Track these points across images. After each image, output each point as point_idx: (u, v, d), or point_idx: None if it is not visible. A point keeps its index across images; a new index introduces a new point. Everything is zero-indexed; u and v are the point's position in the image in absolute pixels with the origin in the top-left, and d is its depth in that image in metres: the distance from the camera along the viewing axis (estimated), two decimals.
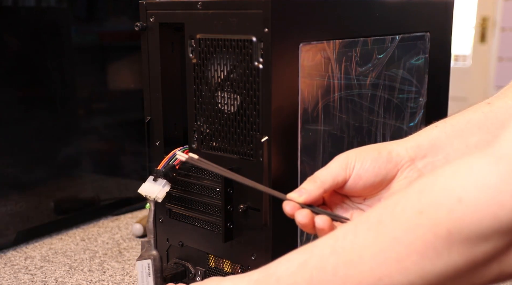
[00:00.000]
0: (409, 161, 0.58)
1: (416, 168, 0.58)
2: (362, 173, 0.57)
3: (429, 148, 0.58)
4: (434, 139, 0.59)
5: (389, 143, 0.60)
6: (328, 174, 0.57)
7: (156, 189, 0.71)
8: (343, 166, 0.57)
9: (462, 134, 0.59)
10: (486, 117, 0.59)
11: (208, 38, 0.68)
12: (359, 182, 0.57)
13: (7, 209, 1.01)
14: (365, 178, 0.57)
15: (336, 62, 0.71)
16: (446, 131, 0.59)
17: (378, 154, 0.58)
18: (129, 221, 1.18)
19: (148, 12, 0.74)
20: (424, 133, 0.60)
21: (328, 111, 0.72)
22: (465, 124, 0.59)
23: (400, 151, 0.58)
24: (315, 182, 0.57)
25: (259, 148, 0.65)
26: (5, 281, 0.91)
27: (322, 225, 0.55)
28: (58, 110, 1.08)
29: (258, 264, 0.67)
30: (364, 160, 0.57)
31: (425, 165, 0.58)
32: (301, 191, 0.57)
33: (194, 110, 0.71)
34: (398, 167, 0.58)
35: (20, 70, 1.02)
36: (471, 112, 0.60)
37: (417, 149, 0.58)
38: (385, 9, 0.79)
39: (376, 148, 0.59)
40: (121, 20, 1.17)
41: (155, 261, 0.71)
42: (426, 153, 0.58)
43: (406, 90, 0.84)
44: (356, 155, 0.58)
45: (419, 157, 0.58)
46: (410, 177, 0.58)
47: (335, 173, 0.57)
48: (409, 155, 0.58)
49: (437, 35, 0.88)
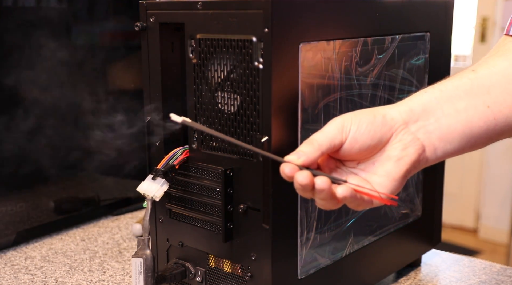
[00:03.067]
0: (402, 124, 0.59)
1: (409, 132, 0.59)
2: (358, 136, 0.57)
3: (421, 112, 0.60)
4: (425, 104, 0.60)
5: (382, 107, 0.61)
6: (324, 137, 0.57)
7: (155, 188, 0.71)
8: (339, 129, 0.57)
9: (451, 99, 0.60)
10: (472, 83, 0.61)
11: (208, 38, 0.68)
12: (355, 146, 0.57)
13: (7, 209, 1.01)
14: (361, 141, 0.57)
15: (336, 62, 0.71)
16: (435, 96, 0.61)
17: (373, 117, 0.58)
18: (129, 221, 1.18)
19: (148, 12, 0.74)
20: (415, 98, 0.61)
21: (328, 111, 0.71)
22: (453, 89, 0.61)
23: (394, 114, 0.59)
24: (313, 145, 0.56)
25: (259, 148, 0.65)
26: (5, 281, 0.91)
27: (322, 185, 0.55)
28: (58, 110, 1.08)
29: (258, 264, 0.67)
30: (360, 123, 0.58)
31: (418, 128, 0.59)
32: (299, 153, 0.56)
33: (194, 110, 0.71)
34: (392, 130, 0.58)
35: (19, 70, 1.02)
36: (457, 78, 0.62)
37: (410, 113, 0.59)
38: (385, 9, 0.79)
39: (371, 112, 0.59)
40: (121, 20, 1.17)
41: (146, 260, 0.71)
42: (418, 117, 0.59)
43: (406, 90, 0.84)
44: (352, 119, 0.58)
45: (412, 120, 0.59)
46: (404, 140, 0.58)
47: (332, 135, 0.57)
48: (403, 118, 0.59)
49: (437, 35, 0.88)
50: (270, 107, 0.63)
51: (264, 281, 0.67)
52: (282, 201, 0.66)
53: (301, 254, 0.71)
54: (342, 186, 0.55)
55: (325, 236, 0.74)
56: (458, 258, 1.00)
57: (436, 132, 0.59)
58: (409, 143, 0.58)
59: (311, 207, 0.71)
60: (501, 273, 0.94)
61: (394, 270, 0.91)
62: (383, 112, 0.59)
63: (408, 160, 0.58)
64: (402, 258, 0.91)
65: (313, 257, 0.73)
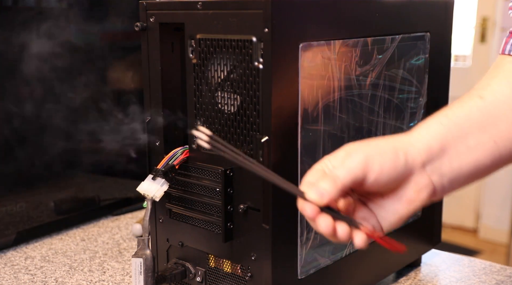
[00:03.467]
0: (421, 166, 0.57)
1: (425, 174, 0.57)
2: (379, 177, 0.55)
3: (438, 151, 0.58)
4: (443, 141, 0.58)
5: (403, 140, 0.58)
6: (348, 175, 0.55)
7: (155, 188, 0.71)
8: (363, 167, 0.55)
9: (464, 135, 0.59)
10: (482, 114, 0.60)
11: (208, 38, 0.68)
12: (374, 185, 0.56)
13: (7, 209, 1.01)
14: (381, 182, 0.56)
15: (336, 62, 0.71)
16: (451, 130, 0.59)
17: (397, 157, 0.56)
18: (129, 221, 1.18)
19: (148, 12, 0.74)
20: (433, 131, 0.59)
21: (328, 111, 0.71)
22: (466, 122, 0.60)
23: (415, 155, 0.57)
24: (335, 184, 0.54)
25: (259, 148, 0.65)
26: (5, 281, 0.91)
27: (343, 235, 0.54)
28: (58, 110, 1.08)
29: (258, 264, 0.67)
30: (383, 163, 0.56)
31: (433, 170, 0.58)
32: (322, 193, 0.54)
33: (194, 110, 0.71)
34: (410, 172, 0.57)
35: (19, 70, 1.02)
36: (467, 107, 0.61)
37: (428, 153, 0.58)
38: (385, 9, 0.79)
39: (394, 150, 0.57)
40: (121, 20, 1.17)
41: (146, 260, 0.71)
42: (434, 157, 0.58)
43: (406, 90, 0.84)
44: (376, 158, 0.56)
45: (429, 161, 0.58)
46: (420, 184, 0.57)
47: (355, 174, 0.55)
48: (422, 159, 0.57)
49: (437, 35, 0.88)
50: (270, 107, 0.63)
51: (264, 281, 0.67)
52: (282, 201, 0.66)
53: (301, 254, 0.71)
54: (360, 236, 0.55)
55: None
56: (458, 258, 1.00)
57: (448, 175, 0.59)
58: (423, 187, 0.57)
59: None
60: (501, 273, 0.94)
61: (394, 270, 0.91)
62: (405, 150, 0.57)
63: (419, 204, 0.58)
64: (402, 258, 0.91)
65: (313, 257, 0.73)
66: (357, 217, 0.58)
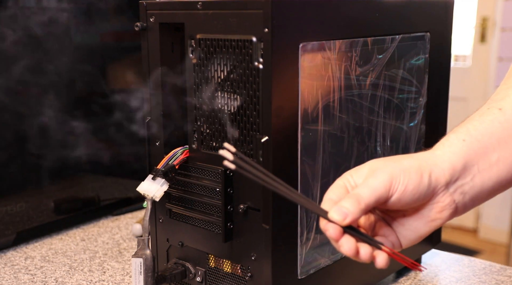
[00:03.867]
0: (444, 186, 0.57)
1: (448, 193, 0.57)
2: (402, 197, 0.55)
3: (461, 170, 0.57)
4: (466, 159, 0.58)
5: (427, 160, 0.57)
6: (372, 196, 0.54)
7: (154, 188, 0.71)
8: (387, 187, 0.54)
9: (486, 151, 0.58)
10: (503, 128, 0.59)
11: (208, 38, 0.68)
12: (396, 204, 0.55)
13: (7, 209, 1.01)
14: (404, 201, 0.55)
15: (336, 62, 0.71)
16: (473, 147, 0.58)
17: (421, 177, 0.56)
18: (129, 221, 1.18)
19: (148, 12, 0.74)
20: (456, 150, 0.58)
21: (328, 111, 0.71)
22: (488, 138, 0.59)
23: (439, 175, 0.57)
24: (359, 205, 0.53)
25: (259, 148, 0.65)
26: (5, 281, 0.91)
27: (365, 256, 0.54)
28: (58, 110, 1.08)
29: (258, 264, 0.67)
30: (407, 184, 0.55)
31: (455, 189, 0.57)
32: (346, 213, 0.53)
33: (194, 110, 0.71)
34: (434, 192, 0.57)
35: (20, 70, 1.02)
36: (489, 122, 0.60)
37: (452, 172, 0.57)
38: (385, 9, 0.79)
39: (419, 170, 0.56)
40: (121, 20, 1.17)
41: (146, 260, 0.71)
42: (458, 176, 0.57)
43: (406, 90, 0.84)
44: (400, 177, 0.55)
45: (453, 181, 0.57)
46: (442, 203, 0.57)
47: (379, 194, 0.54)
48: (446, 179, 0.57)
49: (437, 35, 0.88)
50: (270, 107, 0.63)
51: (264, 281, 0.67)
52: (282, 201, 0.66)
53: (301, 254, 0.71)
54: (382, 256, 0.54)
55: (325, 236, 0.74)
56: (458, 258, 1.00)
57: (470, 192, 0.58)
58: (445, 206, 0.57)
59: None
60: (501, 273, 0.94)
61: (394, 270, 0.91)
62: (429, 170, 0.56)
63: (440, 223, 0.58)
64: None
65: (313, 257, 0.73)
66: (377, 233, 0.58)
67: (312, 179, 0.70)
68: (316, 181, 0.71)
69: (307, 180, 0.70)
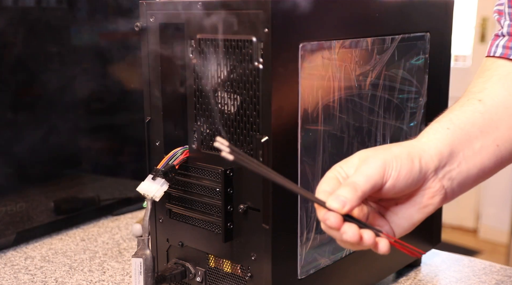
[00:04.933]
0: (433, 171, 0.58)
1: (437, 178, 0.58)
2: (396, 183, 0.55)
3: (448, 156, 0.59)
4: (451, 146, 0.59)
5: (416, 147, 0.58)
6: (367, 182, 0.54)
7: (154, 188, 0.71)
8: (381, 173, 0.55)
9: (469, 139, 0.60)
10: (483, 118, 0.62)
11: (208, 38, 0.68)
12: (390, 191, 0.56)
13: (7, 209, 1.01)
14: (398, 188, 0.56)
15: (336, 62, 0.71)
16: (457, 135, 0.60)
17: (412, 163, 0.56)
18: (129, 221, 1.18)
19: (148, 12, 0.74)
20: (441, 137, 0.60)
21: (328, 111, 0.71)
22: (470, 127, 0.61)
23: (428, 161, 0.58)
24: (356, 192, 0.53)
25: (259, 148, 0.65)
26: (5, 281, 0.91)
27: (369, 242, 0.53)
28: (58, 110, 1.08)
29: (258, 264, 0.67)
30: (400, 169, 0.55)
31: (444, 174, 0.58)
32: (343, 201, 0.53)
33: (194, 110, 0.71)
34: (425, 178, 0.57)
35: (20, 70, 1.02)
36: (470, 112, 0.62)
37: (440, 158, 0.58)
38: (385, 9, 0.79)
39: (409, 156, 0.57)
40: (121, 20, 1.17)
41: (146, 260, 0.71)
42: (446, 162, 0.59)
43: (406, 90, 0.84)
44: (393, 163, 0.55)
45: (441, 166, 0.58)
46: (433, 189, 0.58)
47: (374, 181, 0.54)
48: (434, 165, 0.58)
49: (437, 35, 0.88)
50: (270, 107, 0.63)
51: (264, 281, 0.67)
52: (282, 201, 0.66)
53: (301, 254, 0.71)
54: (384, 242, 0.55)
55: (325, 236, 0.74)
56: (458, 258, 1.00)
57: (458, 178, 0.59)
58: (436, 192, 0.58)
59: (311, 207, 0.71)
60: (501, 273, 0.94)
61: (394, 270, 0.91)
62: (419, 156, 0.57)
63: (432, 209, 0.58)
64: (402, 258, 0.91)
65: (313, 257, 0.73)
66: (371, 224, 0.58)
67: (312, 179, 0.70)
68: (316, 181, 0.71)
69: (307, 180, 0.70)
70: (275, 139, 0.64)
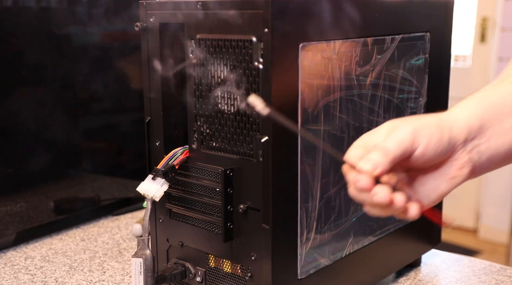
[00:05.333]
0: (462, 142, 0.58)
1: (466, 150, 0.58)
2: (426, 151, 0.55)
3: (478, 130, 0.59)
4: (481, 121, 0.59)
5: (446, 118, 0.59)
6: (398, 148, 0.54)
7: (154, 188, 0.71)
8: (412, 140, 0.55)
9: (500, 118, 0.60)
10: None
11: (208, 38, 0.68)
12: (420, 159, 0.56)
13: (7, 209, 1.01)
14: (427, 156, 0.56)
15: (336, 62, 0.71)
16: (488, 112, 0.60)
17: (442, 132, 0.56)
18: (129, 221, 1.18)
19: (148, 12, 0.74)
20: (472, 111, 0.60)
21: (328, 111, 0.71)
22: (501, 107, 0.61)
23: (457, 132, 0.58)
24: (387, 156, 0.53)
25: (259, 148, 0.65)
26: (5, 281, 0.91)
27: (400, 204, 0.53)
28: (58, 110, 1.08)
29: (258, 264, 0.67)
30: (430, 137, 0.56)
31: (473, 147, 0.58)
32: (375, 164, 0.53)
33: (194, 110, 0.71)
34: (454, 148, 0.57)
35: (20, 70, 1.02)
36: (501, 92, 0.62)
37: (469, 130, 0.58)
38: (385, 9, 0.79)
39: (439, 125, 0.57)
40: (121, 20, 1.17)
41: (146, 260, 0.71)
42: (475, 135, 0.59)
43: (406, 90, 0.84)
44: (423, 131, 0.56)
45: (470, 138, 0.58)
46: (462, 160, 0.58)
47: (405, 146, 0.54)
48: (464, 136, 0.58)
49: (437, 35, 0.88)
50: (270, 107, 0.63)
51: (264, 281, 0.67)
52: (282, 201, 0.66)
53: (301, 254, 0.71)
54: (414, 206, 0.55)
55: (325, 236, 0.74)
56: (458, 258, 1.00)
57: (486, 153, 0.59)
58: (465, 163, 0.58)
59: (311, 207, 0.71)
60: (501, 273, 0.94)
61: (394, 270, 0.91)
62: (449, 126, 0.57)
63: (459, 180, 0.58)
64: (402, 258, 0.91)
65: (313, 257, 0.73)
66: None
67: (312, 179, 0.70)
68: (316, 181, 0.71)
69: (307, 180, 0.70)
70: (275, 139, 0.64)
